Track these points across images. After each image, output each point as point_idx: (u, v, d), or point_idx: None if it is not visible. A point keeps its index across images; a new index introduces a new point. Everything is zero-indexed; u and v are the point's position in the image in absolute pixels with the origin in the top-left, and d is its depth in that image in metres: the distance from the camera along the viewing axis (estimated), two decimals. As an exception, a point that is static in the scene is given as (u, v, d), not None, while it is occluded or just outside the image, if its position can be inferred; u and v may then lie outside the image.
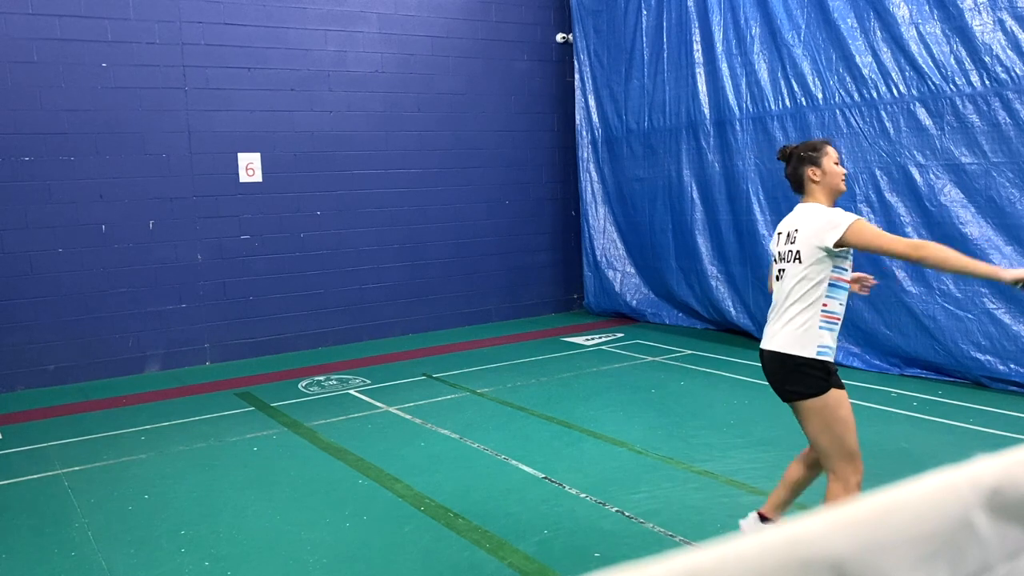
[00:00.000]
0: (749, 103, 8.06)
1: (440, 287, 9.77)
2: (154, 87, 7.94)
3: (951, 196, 6.43)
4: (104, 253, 7.84)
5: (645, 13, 9.23)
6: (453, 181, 9.75)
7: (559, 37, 10.46)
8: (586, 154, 10.23)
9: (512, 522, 4.18)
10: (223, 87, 8.28)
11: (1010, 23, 6.01)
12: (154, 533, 4.23)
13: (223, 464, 5.28)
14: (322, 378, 7.54)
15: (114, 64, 7.75)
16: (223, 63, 8.27)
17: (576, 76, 10.25)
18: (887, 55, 6.78)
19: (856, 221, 3.07)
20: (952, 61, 6.37)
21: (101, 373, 7.86)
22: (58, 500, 4.75)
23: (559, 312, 10.73)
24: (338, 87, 8.91)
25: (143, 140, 7.94)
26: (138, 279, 8.00)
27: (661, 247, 9.38)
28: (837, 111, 7.20)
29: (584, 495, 4.50)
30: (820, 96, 7.34)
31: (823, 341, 3.15)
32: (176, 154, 8.11)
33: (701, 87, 8.62)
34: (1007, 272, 3.00)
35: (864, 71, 6.96)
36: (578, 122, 10.25)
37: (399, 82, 9.28)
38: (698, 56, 8.61)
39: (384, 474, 4.96)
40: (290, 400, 6.80)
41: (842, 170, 3.31)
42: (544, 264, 10.61)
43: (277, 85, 8.56)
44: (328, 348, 8.93)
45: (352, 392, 6.99)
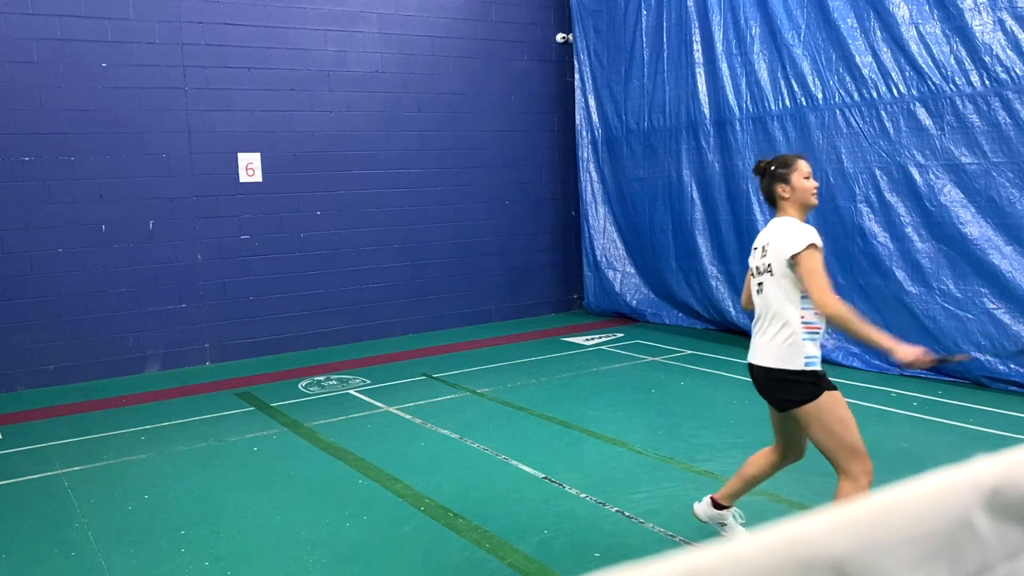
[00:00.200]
0: (749, 103, 8.06)
1: (440, 287, 9.77)
2: (154, 87, 7.94)
3: (951, 196, 6.43)
4: (104, 253, 7.84)
5: (645, 13, 9.23)
6: (453, 181, 9.75)
7: (559, 37, 10.46)
8: (586, 154, 10.23)
9: (512, 522, 4.18)
10: (223, 87, 8.28)
11: (1010, 23, 6.01)
12: (154, 533, 4.23)
13: (223, 464, 5.29)
14: (322, 378, 7.54)
15: (114, 64, 7.75)
16: (223, 63, 8.27)
17: (576, 76, 10.26)
18: (887, 55, 6.78)
19: (811, 247, 3.15)
20: (952, 61, 6.37)
21: (101, 373, 7.87)
22: (58, 500, 4.75)
23: (559, 312, 10.73)
24: (338, 87, 8.91)
25: (143, 140, 7.94)
26: (138, 279, 8.00)
27: (661, 247, 9.38)
28: (837, 111, 7.20)
29: (584, 495, 4.50)
30: (820, 96, 7.34)
31: (808, 352, 3.22)
32: (176, 154, 8.11)
33: (701, 87, 8.62)
34: (901, 351, 3.12)
35: (864, 71, 6.96)
36: (578, 122, 10.25)
37: (399, 82, 9.28)
38: (698, 56, 8.61)
39: (384, 474, 4.96)
40: (290, 400, 6.80)
41: (812, 184, 3.37)
42: (544, 264, 10.61)
43: (277, 85, 8.56)
44: (328, 348, 8.93)
45: (352, 392, 6.99)
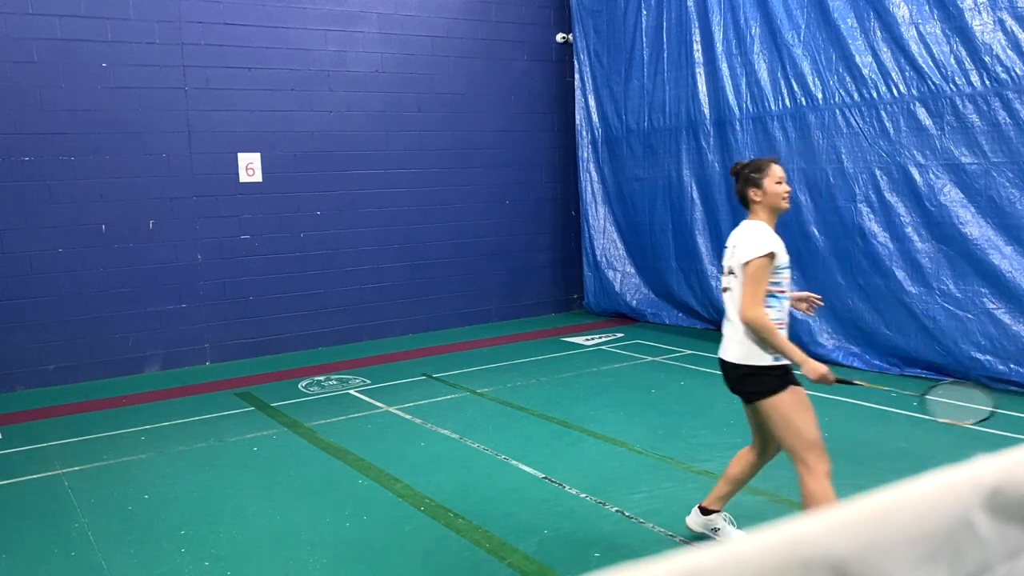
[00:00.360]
0: (749, 103, 8.06)
1: (440, 287, 9.77)
2: (154, 87, 7.94)
3: (951, 196, 6.43)
4: (104, 253, 7.84)
5: (645, 13, 9.23)
6: (453, 181, 9.75)
7: (559, 37, 10.46)
8: (586, 154, 10.23)
9: (512, 522, 4.18)
10: (223, 87, 8.28)
11: (1010, 23, 6.01)
12: (154, 533, 4.23)
13: (223, 464, 5.28)
14: (322, 378, 7.54)
15: (114, 64, 7.75)
16: (223, 63, 8.27)
17: (576, 76, 10.25)
18: (887, 55, 6.78)
19: (762, 258, 3.29)
20: (952, 61, 6.37)
21: (101, 373, 7.86)
22: (58, 500, 4.75)
23: (559, 312, 10.73)
24: (338, 87, 8.91)
25: (143, 140, 7.94)
26: (138, 279, 8.00)
27: (661, 247, 9.38)
28: (837, 111, 7.20)
29: (584, 495, 4.50)
30: (820, 96, 7.34)
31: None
32: (176, 154, 8.11)
33: (701, 87, 8.62)
34: (809, 367, 3.25)
35: (864, 71, 6.96)
36: (578, 122, 10.25)
37: (399, 82, 9.28)
38: (698, 56, 8.61)
39: (384, 474, 4.96)
40: (290, 400, 6.80)
41: (784, 189, 3.45)
42: (544, 264, 10.61)
43: (277, 85, 8.56)
44: (328, 348, 8.93)
45: (352, 392, 6.99)
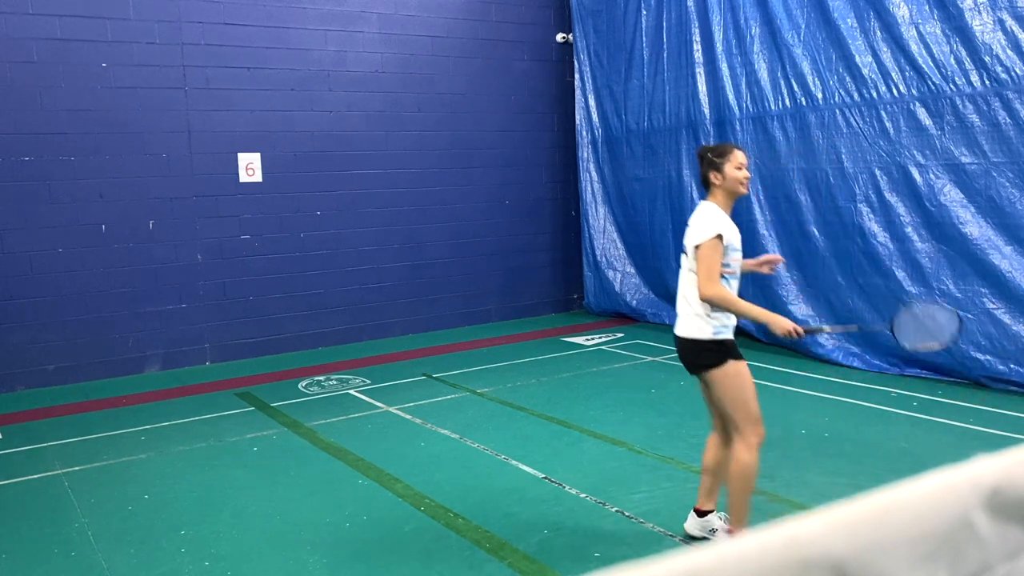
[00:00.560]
0: (749, 103, 8.05)
1: (440, 287, 9.77)
2: (154, 87, 7.94)
3: (951, 196, 6.43)
4: (104, 253, 7.83)
5: (645, 13, 9.23)
6: (453, 181, 9.75)
7: (559, 37, 10.46)
8: (586, 154, 10.23)
9: (512, 522, 4.18)
10: (223, 87, 8.28)
11: (1010, 23, 6.01)
12: (154, 533, 4.23)
13: (223, 464, 5.28)
14: (322, 378, 7.54)
15: (114, 64, 7.75)
16: (223, 63, 8.26)
17: (576, 76, 10.25)
18: (887, 55, 6.78)
19: (711, 240, 3.48)
20: (952, 61, 6.36)
21: (101, 373, 7.86)
22: (58, 500, 4.75)
23: (559, 312, 10.72)
24: (338, 87, 8.91)
25: (143, 140, 7.94)
26: (138, 279, 8.00)
27: (661, 247, 9.38)
28: (837, 111, 7.20)
29: (584, 495, 4.50)
30: (820, 96, 7.34)
31: (716, 323, 3.60)
32: (176, 154, 8.11)
33: (701, 87, 8.62)
34: (777, 324, 3.48)
35: (864, 71, 6.96)
36: (578, 122, 10.25)
37: (399, 82, 9.28)
38: (698, 56, 8.61)
39: (384, 474, 4.96)
40: (290, 400, 6.80)
41: (743, 174, 3.62)
42: (544, 264, 10.61)
43: (277, 85, 8.56)
44: (328, 348, 8.93)
45: (352, 392, 6.99)
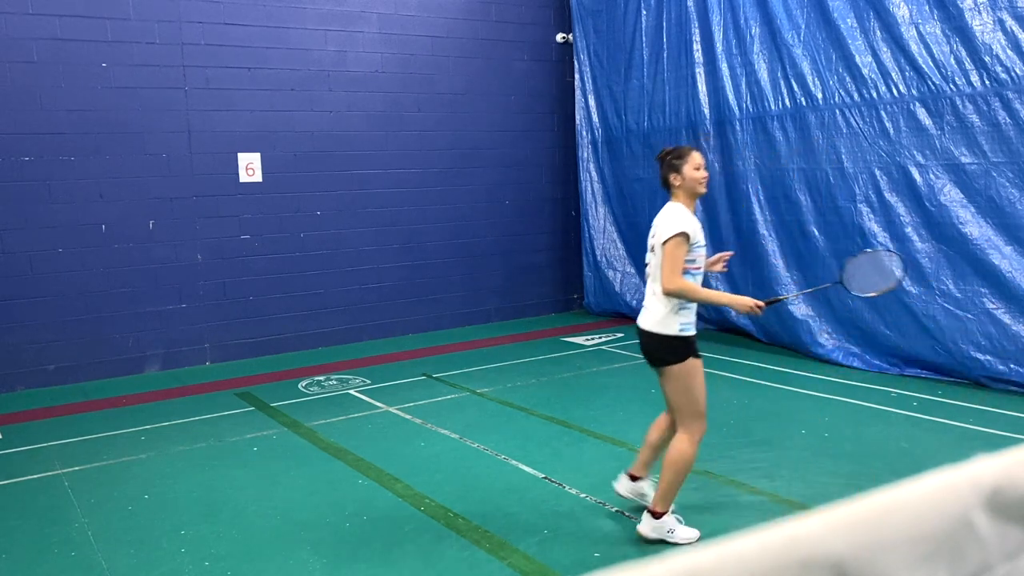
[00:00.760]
0: (749, 103, 8.05)
1: (440, 287, 9.77)
2: (154, 87, 7.94)
3: (951, 196, 6.43)
4: (104, 253, 7.83)
5: (645, 13, 9.23)
6: (453, 181, 9.75)
7: (559, 37, 10.46)
8: (586, 154, 10.23)
9: (512, 522, 4.18)
10: (223, 87, 8.28)
11: (1010, 23, 6.01)
12: (154, 533, 4.23)
13: (223, 464, 5.28)
14: (322, 378, 7.54)
15: (114, 64, 7.75)
16: (223, 63, 8.26)
17: (576, 76, 10.25)
18: (887, 55, 6.78)
19: (676, 236, 3.63)
20: (952, 61, 6.36)
21: (101, 373, 7.86)
22: (58, 500, 4.75)
23: (559, 312, 10.73)
24: (338, 87, 8.91)
25: (143, 140, 7.94)
26: (138, 279, 8.00)
27: (661, 247, 9.36)
28: (837, 111, 7.20)
29: (584, 495, 4.50)
30: (820, 96, 7.34)
31: (683, 320, 3.73)
32: (176, 154, 8.11)
33: (701, 87, 8.62)
34: (739, 304, 3.69)
35: (864, 71, 6.96)
36: (578, 122, 10.25)
37: (399, 82, 9.28)
38: (698, 56, 8.61)
39: (384, 474, 4.96)
40: (290, 400, 6.80)
41: (702, 175, 3.78)
42: (544, 264, 10.61)
43: (277, 85, 8.56)
44: (328, 348, 8.93)
45: (352, 392, 6.99)
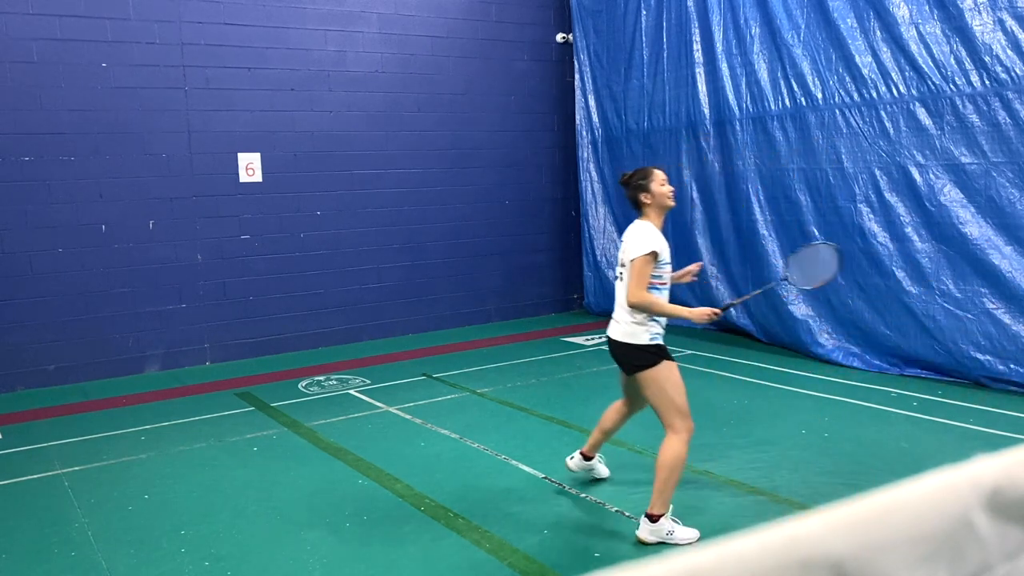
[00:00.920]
0: (749, 103, 8.05)
1: (440, 287, 9.77)
2: (154, 87, 7.94)
3: (951, 196, 6.43)
4: (104, 253, 7.83)
5: (645, 13, 9.23)
6: (453, 181, 9.75)
7: (559, 37, 10.46)
8: (586, 154, 10.23)
9: (512, 522, 4.18)
10: (223, 87, 8.28)
11: (1010, 23, 6.01)
12: (154, 533, 4.23)
13: (223, 464, 5.28)
14: (322, 378, 7.53)
15: (114, 64, 7.75)
16: (223, 63, 8.26)
17: (576, 76, 10.25)
18: (887, 55, 6.78)
19: (644, 255, 3.81)
20: (952, 61, 6.36)
21: (101, 373, 7.86)
22: (58, 500, 4.75)
23: (559, 312, 10.72)
24: (338, 87, 8.91)
25: (143, 140, 7.94)
26: (138, 279, 8.00)
27: (661, 247, 9.37)
28: (837, 111, 7.20)
29: (584, 495, 4.50)
30: (820, 96, 7.34)
31: (652, 330, 3.92)
32: (176, 154, 8.11)
33: (701, 87, 8.62)
34: (696, 315, 3.82)
35: (864, 71, 6.96)
36: (578, 122, 10.25)
37: (399, 82, 9.28)
38: (698, 56, 8.61)
39: (384, 474, 4.96)
40: (290, 400, 6.80)
41: (669, 189, 4.00)
42: (544, 264, 10.61)
43: (277, 85, 8.56)
44: (328, 348, 8.93)
45: (352, 392, 6.99)
